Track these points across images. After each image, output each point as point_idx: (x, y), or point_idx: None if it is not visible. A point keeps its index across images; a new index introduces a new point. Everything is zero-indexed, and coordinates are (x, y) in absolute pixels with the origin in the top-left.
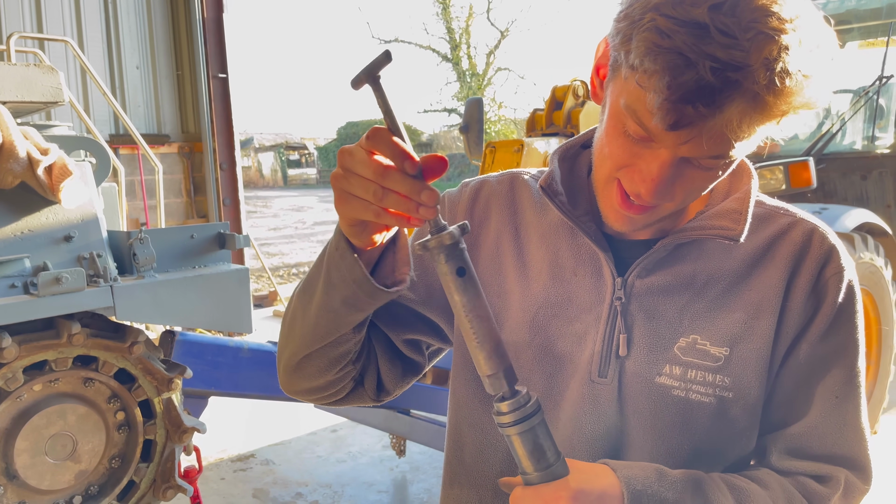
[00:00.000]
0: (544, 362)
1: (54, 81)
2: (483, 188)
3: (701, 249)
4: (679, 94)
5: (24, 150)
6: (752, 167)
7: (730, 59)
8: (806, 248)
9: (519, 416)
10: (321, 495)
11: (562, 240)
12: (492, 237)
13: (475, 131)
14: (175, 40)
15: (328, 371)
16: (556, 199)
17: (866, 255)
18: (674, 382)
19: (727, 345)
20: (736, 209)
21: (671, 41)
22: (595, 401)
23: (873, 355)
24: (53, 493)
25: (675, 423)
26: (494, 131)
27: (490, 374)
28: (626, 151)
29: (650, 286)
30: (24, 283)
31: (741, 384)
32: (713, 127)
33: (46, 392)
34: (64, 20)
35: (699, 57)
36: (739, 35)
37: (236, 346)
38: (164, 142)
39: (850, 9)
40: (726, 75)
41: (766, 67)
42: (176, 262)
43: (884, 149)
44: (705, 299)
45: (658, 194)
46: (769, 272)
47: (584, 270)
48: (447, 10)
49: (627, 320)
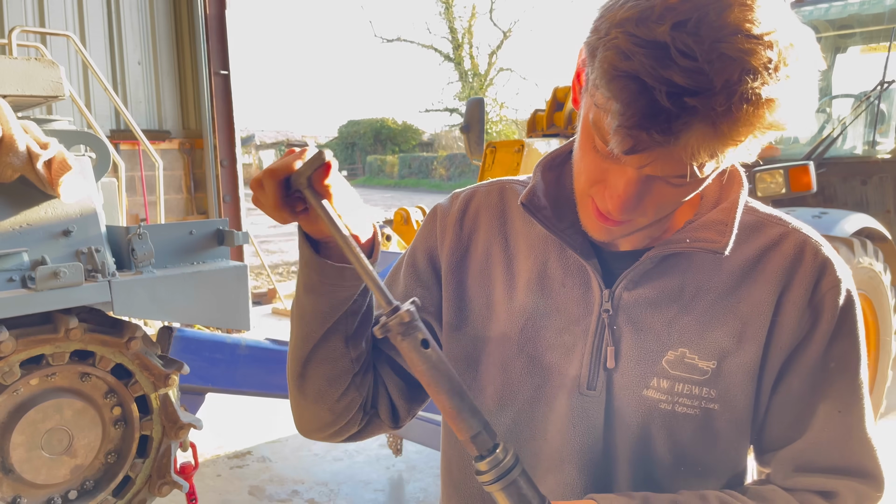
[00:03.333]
0: (533, 373)
1: (55, 76)
2: (473, 199)
3: (689, 261)
4: (634, 120)
5: (23, 144)
6: (743, 175)
7: (688, 84)
8: (798, 262)
9: (499, 472)
10: (317, 493)
11: (550, 250)
12: (481, 248)
13: (476, 131)
14: (177, 36)
15: (329, 393)
16: (538, 215)
17: (865, 260)
18: (661, 396)
19: (715, 358)
20: (722, 220)
21: (630, 63)
22: (583, 413)
23: (871, 360)
24: (49, 488)
25: (661, 436)
26: (495, 131)
27: (470, 437)
28: (596, 167)
29: (637, 298)
30: (21, 276)
31: (727, 397)
32: (671, 152)
33: (43, 386)
34: (66, 15)
35: (656, 82)
36: (700, 57)
37: (234, 342)
38: (164, 138)
39: (852, 14)
40: (683, 101)
41: (726, 93)
42: (174, 258)
43: (884, 154)
44: (694, 312)
45: (625, 211)
46: (759, 285)
47: (572, 282)
48: (450, 9)
49: (615, 333)
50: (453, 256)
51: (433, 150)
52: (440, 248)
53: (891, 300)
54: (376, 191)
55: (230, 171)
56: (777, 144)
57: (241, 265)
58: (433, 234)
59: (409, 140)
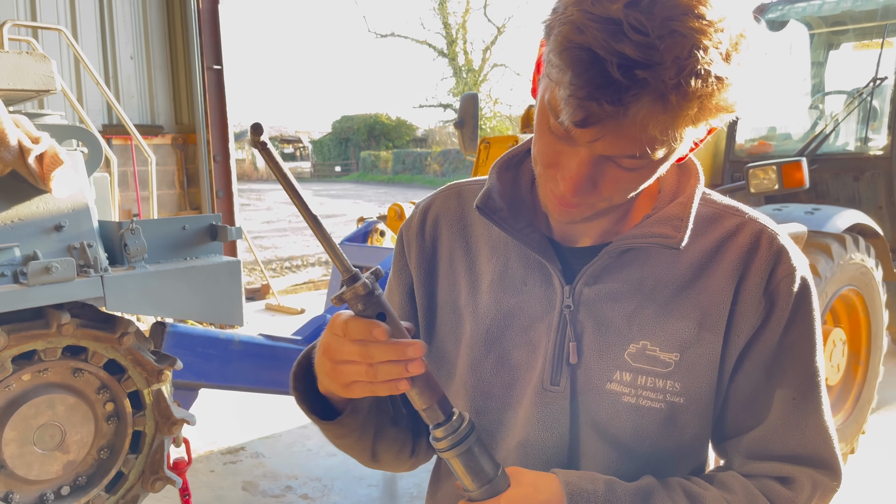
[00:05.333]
0: (502, 373)
1: (46, 69)
2: (431, 208)
3: (647, 254)
4: (585, 90)
5: (15, 139)
6: (699, 168)
7: (638, 57)
8: (754, 250)
9: (454, 440)
10: (311, 488)
11: (511, 250)
12: (445, 255)
13: (470, 127)
14: (170, 31)
15: (402, 454)
16: (494, 217)
17: (857, 257)
18: (624, 389)
19: (677, 350)
20: (678, 215)
21: (583, 36)
22: (547, 409)
23: (863, 355)
24: (41, 484)
25: (626, 430)
26: (489, 127)
27: (425, 408)
28: (550, 149)
29: (598, 293)
30: (13, 272)
31: (692, 389)
32: (622, 126)
33: (35, 382)
34: (58, 9)
35: (608, 54)
36: (652, 33)
37: (227, 338)
38: (157, 133)
39: (845, 10)
40: (634, 73)
41: (676, 67)
42: (167, 253)
43: (877, 150)
44: (654, 305)
45: (577, 192)
46: (717, 275)
47: (533, 280)
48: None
49: (577, 328)
50: (420, 268)
51: (427, 146)
52: (409, 262)
53: (882, 296)
54: (370, 186)
55: (223, 167)
56: (770, 141)
57: (235, 260)
58: (402, 251)
59: (403, 135)
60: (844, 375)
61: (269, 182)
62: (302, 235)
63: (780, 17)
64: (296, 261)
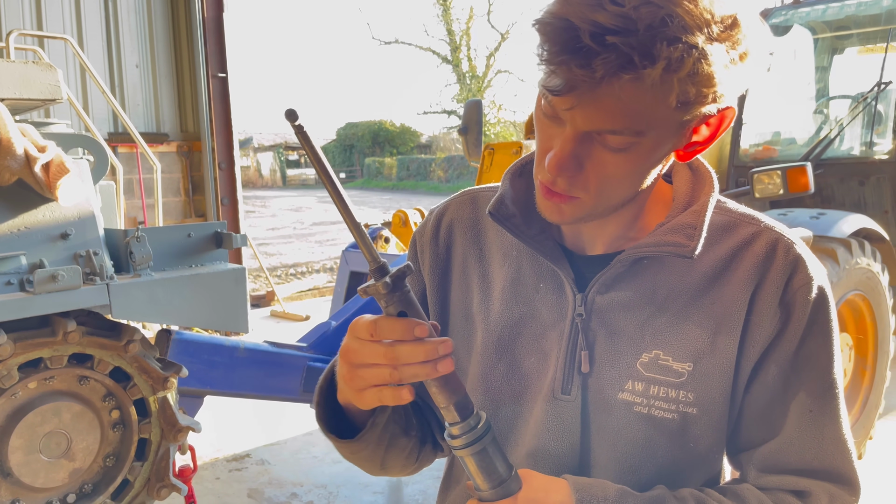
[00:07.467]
0: (513, 381)
1: (52, 78)
2: (445, 214)
3: (661, 263)
4: (559, 57)
5: (21, 148)
6: (713, 176)
7: (612, 25)
8: (770, 260)
9: (469, 438)
10: (316, 496)
11: (523, 257)
12: (459, 261)
13: (474, 133)
14: (175, 39)
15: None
16: (507, 223)
17: (863, 261)
18: (636, 399)
19: (690, 360)
20: (691, 224)
21: (562, 7)
22: (558, 418)
23: (870, 360)
24: (47, 492)
25: (638, 441)
26: (493, 133)
27: (445, 406)
28: (545, 134)
29: (610, 302)
30: (19, 280)
31: (705, 400)
32: (598, 97)
33: (41, 390)
34: (64, 18)
35: (582, 22)
36: (628, 4)
37: (232, 345)
38: (162, 141)
39: (849, 15)
40: (604, 38)
41: (649, 35)
42: (173, 260)
43: (882, 155)
44: (667, 314)
45: (561, 168)
46: (732, 285)
47: (545, 287)
48: (448, 11)
49: (589, 336)
50: (433, 274)
51: (431, 152)
52: (423, 268)
53: (889, 300)
54: (374, 193)
55: (228, 174)
56: (774, 146)
57: (240, 268)
58: (415, 257)
59: (407, 142)
60: (851, 381)
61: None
62: (306, 242)
63: (783, 21)
64: (301, 267)
